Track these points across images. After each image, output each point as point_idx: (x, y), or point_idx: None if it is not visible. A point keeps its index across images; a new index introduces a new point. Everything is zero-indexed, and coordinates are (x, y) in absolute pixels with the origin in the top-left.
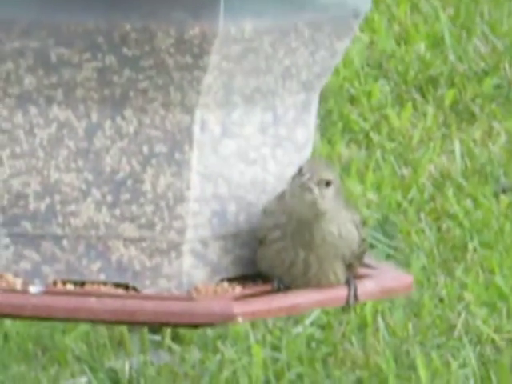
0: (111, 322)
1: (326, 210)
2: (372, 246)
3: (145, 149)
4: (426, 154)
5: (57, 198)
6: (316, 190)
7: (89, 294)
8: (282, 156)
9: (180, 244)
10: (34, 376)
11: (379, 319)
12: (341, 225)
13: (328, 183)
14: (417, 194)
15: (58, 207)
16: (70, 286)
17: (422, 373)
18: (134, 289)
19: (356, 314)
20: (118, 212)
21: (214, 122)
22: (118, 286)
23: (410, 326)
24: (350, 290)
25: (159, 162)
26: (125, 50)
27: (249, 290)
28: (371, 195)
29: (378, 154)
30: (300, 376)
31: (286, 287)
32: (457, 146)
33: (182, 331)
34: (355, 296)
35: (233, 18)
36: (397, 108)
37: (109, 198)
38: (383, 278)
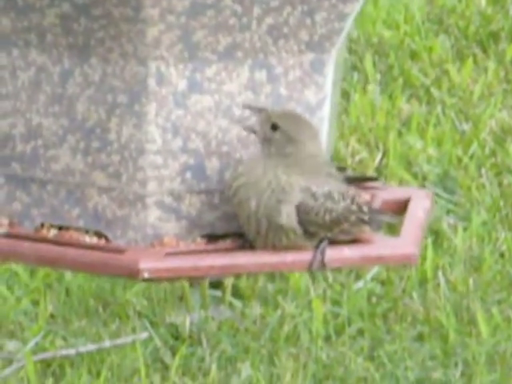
0: (39, 265)
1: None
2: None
3: (109, 98)
4: (486, 109)
5: (39, 141)
6: (258, 128)
7: (41, 240)
8: None
9: (144, 196)
10: (95, 331)
11: (440, 274)
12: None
13: (274, 127)
14: (477, 150)
15: (41, 151)
16: (53, 231)
17: (483, 328)
18: (106, 238)
19: (416, 269)
20: (90, 160)
21: (177, 76)
22: (99, 234)
23: (471, 281)
24: (315, 255)
25: (122, 112)
26: None
27: (211, 247)
28: (432, 151)
29: (439, 109)
30: (360, 331)
31: (250, 246)
32: None
33: (242, 287)
34: (322, 262)
35: None
36: (457, 63)
37: (82, 145)
38: (376, 245)
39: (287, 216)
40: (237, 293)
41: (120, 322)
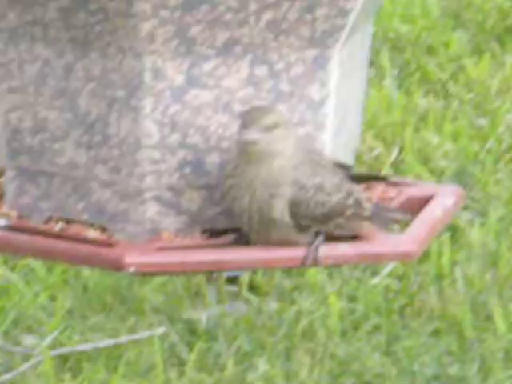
0: (34, 257)
1: (275, 150)
2: None
3: (109, 92)
4: (504, 104)
5: (46, 135)
6: (261, 138)
7: (39, 234)
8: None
9: (142, 190)
10: (112, 326)
11: (456, 270)
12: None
13: (268, 128)
14: (494, 144)
15: (47, 144)
16: (61, 225)
17: (500, 323)
18: (109, 232)
19: (433, 264)
20: (92, 154)
21: (174, 71)
22: (103, 228)
23: (488, 276)
24: (308, 251)
25: (120, 107)
26: None
27: (207, 242)
28: (448, 146)
29: (456, 104)
30: (377, 327)
31: (246, 241)
32: None
33: (259, 282)
34: (316, 258)
35: None
36: (475, 58)
37: (84, 139)
38: (374, 242)
39: (279, 210)
40: (253, 288)
41: (137, 318)
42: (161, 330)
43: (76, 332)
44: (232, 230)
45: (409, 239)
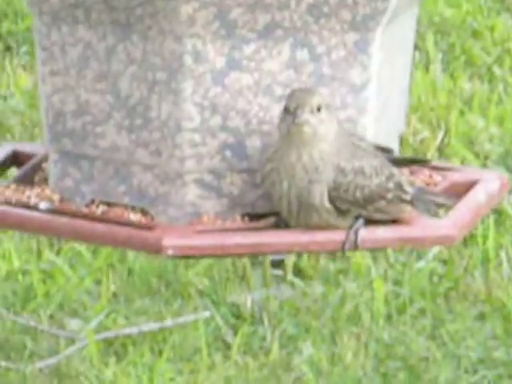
0: (73, 240)
1: (321, 133)
2: None
3: (149, 75)
4: None
5: (88, 118)
6: (312, 120)
7: (81, 216)
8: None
9: (183, 174)
10: (157, 310)
11: (502, 253)
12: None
13: (319, 108)
14: None
15: (89, 127)
16: (101, 208)
17: None
18: (150, 215)
19: (478, 248)
20: (134, 137)
21: (215, 54)
22: (144, 211)
23: None
24: (348, 235)
25: (161, 89)
26: None
27: (247, 225)
28: (494, 129)
29: (501, 87)
30: (422, 311)
31: (285, 225)
32: None
33: (304, 266)
34: (355, 242)
35: None
36: None
37: (126, 123)
38: (414, 226)
39: (318, 195)
40: (298, 272)
41: (182, 301)
42: (206, 314)
43: (121, 316)
44: (272, 213)
45: (449, 223)
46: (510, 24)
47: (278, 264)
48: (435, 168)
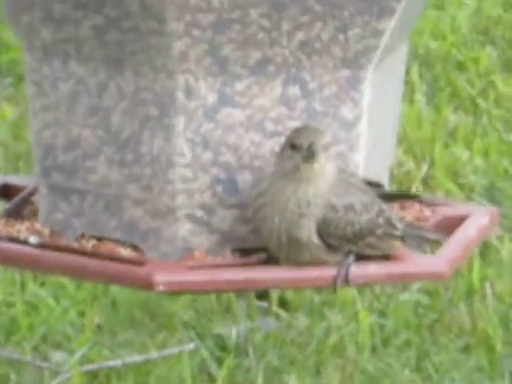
0: (63, 275)
1: (324, 171)
2: None
3: (141, 111)
4: None
5: (78, 152)
6: (322, 158)
7: (71, 251)
8: None
9: (174, 209)
10: (142, 342)
11: (486, 286)
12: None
13: (327, 146)
14: None
15: (80, 162)
16: (92, 242)
17: None
18: (141, 250)
19: (463, 280)
20: (125, 172)
21: (207, 90)
22: (134, 246)
23: None
24: (339, 271)
25: (153, 125)
26: (106, 10)
27: (238, 261)
28: (478, 161)
29: (485, 120)
30: (407, 342)
31: (273, 261)
32: None
33: (289, 298)
34: (346, 278)
35: None
36: (504, 74)
37: (117, 157)
38: (405, 263)
39: (306, 229)
40: (283, 304)
41: (166, 333)
42: (191, 346)
43: (105, 348)
44: (263, 248)
45: (441, 260)
46: (495, 56)
47: (262, 296)
48: (425, 202)
